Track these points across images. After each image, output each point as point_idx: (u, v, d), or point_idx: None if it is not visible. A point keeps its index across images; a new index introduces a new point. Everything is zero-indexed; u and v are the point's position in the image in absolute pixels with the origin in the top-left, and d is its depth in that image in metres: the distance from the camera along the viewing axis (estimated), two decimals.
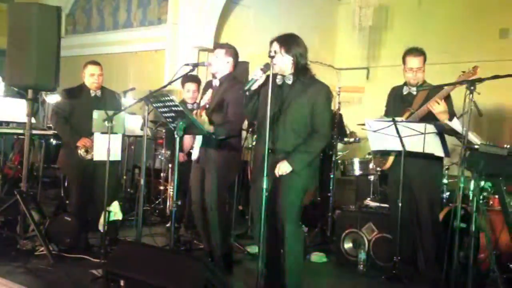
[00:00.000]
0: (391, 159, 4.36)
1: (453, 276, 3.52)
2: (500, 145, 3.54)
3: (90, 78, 4.96)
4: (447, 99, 4.06)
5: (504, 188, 3.71)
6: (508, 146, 3.37)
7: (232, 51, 4.26)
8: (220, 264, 4.13)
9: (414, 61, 4.23)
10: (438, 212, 4.31)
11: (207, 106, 4.19)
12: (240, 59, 4.40)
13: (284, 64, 3.46)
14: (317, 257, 4.89)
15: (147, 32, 8.38)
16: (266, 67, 3.35)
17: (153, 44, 8.25)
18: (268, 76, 3.39)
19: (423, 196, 4.20)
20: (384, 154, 4.44)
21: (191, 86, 5.47)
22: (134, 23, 8.67)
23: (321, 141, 3.51)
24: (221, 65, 4.22)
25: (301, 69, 3.49)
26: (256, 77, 3.40)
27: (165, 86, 4.50)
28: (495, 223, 4.18)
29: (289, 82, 3.50)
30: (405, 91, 4.33)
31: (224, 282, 3.33)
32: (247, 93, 3.48)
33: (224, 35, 7.59)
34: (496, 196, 4.44)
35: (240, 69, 4.66)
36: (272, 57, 3.36)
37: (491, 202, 4.49)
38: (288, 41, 3.49)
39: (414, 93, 4.28)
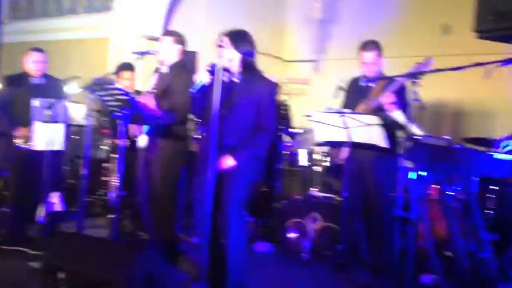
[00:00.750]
0: (346, 150, 4.40)
1: (394, 263, 3.62)
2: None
3: (33, 65, 4.80)
4: (401, 91, 4.09)
5: (444, 178, 3.85)
6: (449, 138, 3.47)
7: (181, 39, 4.22)
8: (164, 255, 4.09)
9: (367, 56, 4.29)
10: (388, 204, 4.36)
11: (154, 91, 4.13)
12: (189, 49, 4.36)
13: (232, 60, 3.46)
14: (263, 246, 4.93)
15: (92, 19, 8.16)
16: (212, 67, 3.36)
17: (98, 32, 8.03)
18: (213, 77, 3.40)
19: (374, 187, 4.27)
20: (335, 145, 4.51)
21: (127, 74, 5.35)
22: (79, 10, 8.43)
23: (266, 138, 3.54)
24: (169, 53, 4.17)
25: (248, 66, 3.50)
26: (203, 79, 3.40)
27: (110, 74, 4.40)
28: (433, 211, 4.31)
29: (237, 80, 3.50)
30: (362, 82, 4.39)
31: (169, 273, 3.31)
32: (194, 93, 3.46)
33: (173, 24, 7.48)
34: (435, 186, 4.59)
35: (188, 58, 4.63)
36: (220, 47, 3.36)
37: (429, 192, 4.63)
38: (238, 37, 3.49)
39: (371, 84, 4.34)
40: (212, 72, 3.37)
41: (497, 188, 4.76)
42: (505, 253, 4.06)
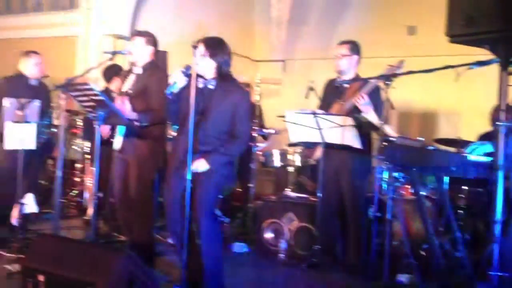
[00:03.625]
0: (320, 150, 4.45)
1: (370, 263, 3.69)
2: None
3: (34, 67, 5.02)
4: (375, 92, 4.15)
5: (418, 178, 3.94)
6: (422, 139, 3.57)
7: (152, 40, 4.23)
8: (141, 256, 4.05)
9: (337, 49, 4.39)
10: (363, 204, 4.41)
11: (130, 91, 4.11)
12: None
13: (207, 67, 3.50)
14: (238, 247, 4.94)
15: (58, 17, 7.97)
16: (187, 69, 3.39)
17: (65, 30, 7.86)
18: (189, 79, 3.42)
19: (349, 188, 4.32)
20: (309, 146, 4.56)
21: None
22: (44, 7, 8.22)
23: (239, 147, 3.60)
24: (141, 53, 4.16)
25: (223, 75, 3.54)
26: (177, 80, 3.41)
27: (83, 74, 4.34)
28: (406, 211, 4.42)
29: (212, 87, 3.53)
30: (337, 83, 4.45)
31: (149, 274, 3.29)
32: (170, 96, 3.48)
33: (142, 23, 7.39)
34: (407, 186, 4.69)
35: (158, 58, 4.61)
36: (195, 47, 3.38)
37: (402, 192, 4.73)
38: (214, 46, 3.52)
39: (346, 85, 4.40)
40: (186, 74, 3.40)
41: (467, 188, 4.89)
42: (481, 253, 4.18)
